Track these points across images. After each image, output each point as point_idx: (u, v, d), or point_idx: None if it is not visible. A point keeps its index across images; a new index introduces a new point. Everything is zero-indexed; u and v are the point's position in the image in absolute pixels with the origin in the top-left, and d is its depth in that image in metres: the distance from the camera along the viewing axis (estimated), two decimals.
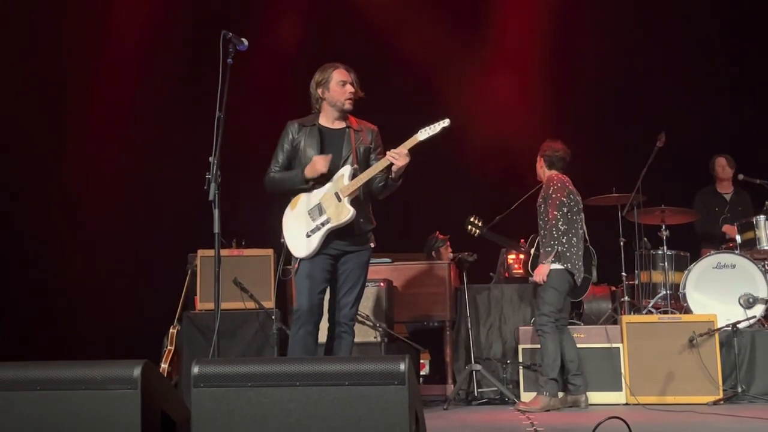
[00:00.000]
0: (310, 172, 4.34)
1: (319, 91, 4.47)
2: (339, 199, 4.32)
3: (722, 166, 7.08)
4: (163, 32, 7.74)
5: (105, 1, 7.67)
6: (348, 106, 4.45)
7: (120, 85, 7.58)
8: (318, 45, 7.83)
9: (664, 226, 6.41)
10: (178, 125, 7.48)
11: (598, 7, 8.22)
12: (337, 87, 4.44)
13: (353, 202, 4.33)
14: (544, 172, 5.68)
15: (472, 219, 6.14)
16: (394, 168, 4.30)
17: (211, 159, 3.76)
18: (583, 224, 5.64)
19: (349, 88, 4.43)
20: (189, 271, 5.92)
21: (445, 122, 4.29)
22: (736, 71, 7.93)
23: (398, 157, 4.25)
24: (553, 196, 5.43)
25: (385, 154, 4.32)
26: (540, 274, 5.41)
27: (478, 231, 6.12)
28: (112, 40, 7.54)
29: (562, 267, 5.39)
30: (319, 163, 4.31)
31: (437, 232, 6.32)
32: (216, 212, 3.70)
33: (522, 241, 6.15)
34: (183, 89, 7.50)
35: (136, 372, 2.67)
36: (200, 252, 5.81)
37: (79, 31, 7.34)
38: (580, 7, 8.37)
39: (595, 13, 8.24)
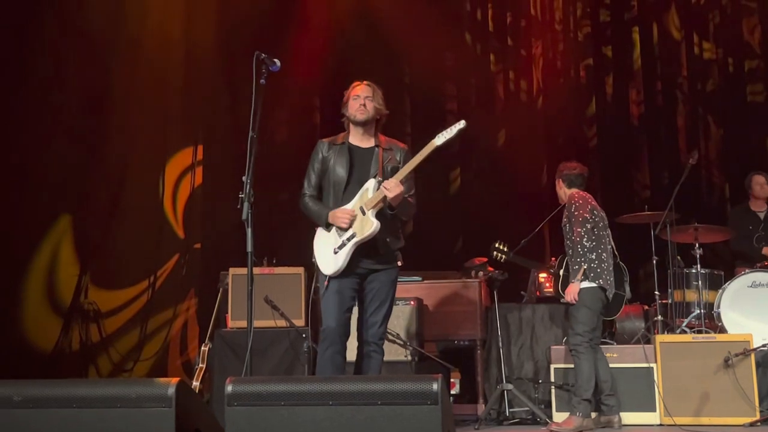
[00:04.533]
0: (332, 218, 4.39)
1: (344, 110, 4.54)
2: (363, 213, 4.35)
3: (761, 185, 6.97)
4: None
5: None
6: (359, 116, 4.48)
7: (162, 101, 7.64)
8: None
9: (697, 245, 6.33)
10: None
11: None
12: (351, 102, 4.51)
13: (379, 216, 4.34)
14: (564, 192, 5.68)
15: (497, 245, 6.12)
16: (388, 199, 4.30)
17: (244, 178, 3.80)
18: (611, 240, 5.60)
19: (360, 101, 4.47)
20: (221, 289, 5.95)
21: (461, 124, 4.32)
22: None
23: (390, 188, 4.26)
24: (576, 213, 5.41)
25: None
26: (571, 293, 5.37)
27: (504, 256, 6.10)
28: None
29: (593, 284, 5.35)
30: (339, 219, 4.34)
31: (475, 258, 6.34)
32: (249, 231, 3.73)
33: (553, 260, 6.12)
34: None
35: (171, 390, 2.70)
36: (232, 270, 5.84)
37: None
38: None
39: None
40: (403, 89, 8.56)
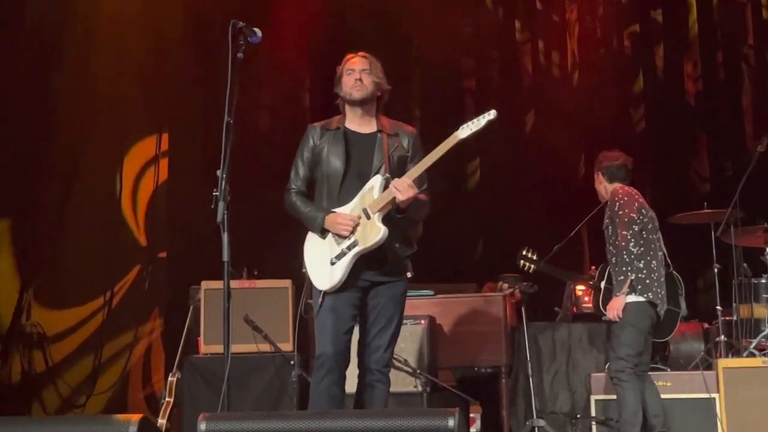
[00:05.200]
0: (329, 225, 4.35)
1: (337, 89, 4.54)
2: (368, 217, 4.33)
3: None
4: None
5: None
6: (356, 94, 4.44)
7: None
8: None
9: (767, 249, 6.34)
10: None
11: None
12: (345, 78, 4.49)
13: (386, 221, 4.33)
14: (605, 188, 5.69)
15: (524, 253, 6.10)
16: (398, 202, 4.27)
17: (218, 173, 3.80)
18: (662, 245, 5.61)
19: (356, 75, 4.45)
20: (191, 307, 5.97)
21: (491, 115, 4.28)
22: None
23: (402, 189, 4.23)
24: (620, 213, 5.41)
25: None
26: (614, 308, 5.38)
27: (533, 266, 6.09)
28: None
29: (641, 299, 5.36)
30: (339, 226, 4.33)
31: (521, 277, 6.36)
32: (225, 236, 3.73)
33: (593, 269, 6.13)
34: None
35: (132, 429, 2.72)
36: (204, 284, 5.86)
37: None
38: None
39: None
40: (411, 64, 8.59)
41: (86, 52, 7.48)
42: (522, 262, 6.13)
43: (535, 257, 6.10)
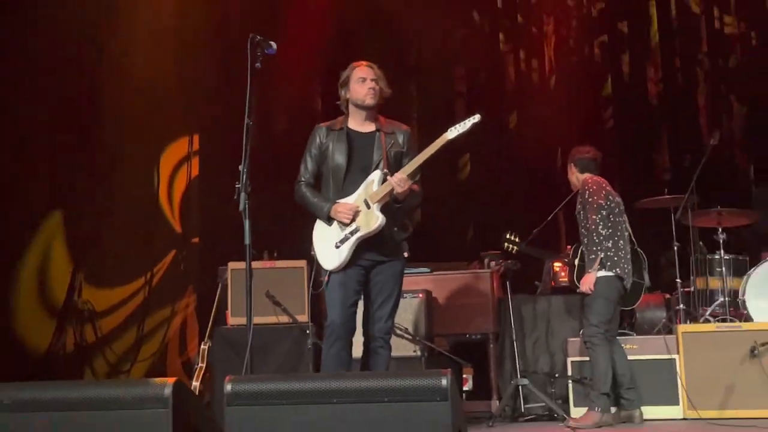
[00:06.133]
0: (334, 213, 4.38)
1: (343, 91, 4.52)
2: (368, 206, 4.33)
3: None
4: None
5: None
6: (369, 101, 4.45)
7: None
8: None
9: (720, 229, 6.31)
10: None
11: None
12: (356, 85, 4.46)
13: (384, 210, 4.34)
14: (577, 178, 5.70)
15: (508, 236, 6.12)
16: (395, 194, 4.30)
17: (240, 167, 3.80)
18: (628, 226, 5.60)
19: (369, 84, 4.44)
20: (220, 285, 5.97)
21: (476, 118, 4.32)
22: None
23: (399, 183, 4.26)
24: (590, 200, 5.42)
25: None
26: (587, 283, 5.38)
27: (515, 247, 6.10)
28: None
29: (610, 274, 5.35)
30: (341, 214, 4.34)
31: (498, 253, 6.36)
32: (247, 223, 3.73)
33: (568, 248, 6.12)
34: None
35: (167, 391, 2.72)
36: (231, 265, 5.85)
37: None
38: None
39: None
40: (409, 72, 8.55)
41: (126, 58, 7.45)
42: (506, 244, 6.13)
43: (517, 240, 6.10)
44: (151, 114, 7.57)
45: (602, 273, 5.35)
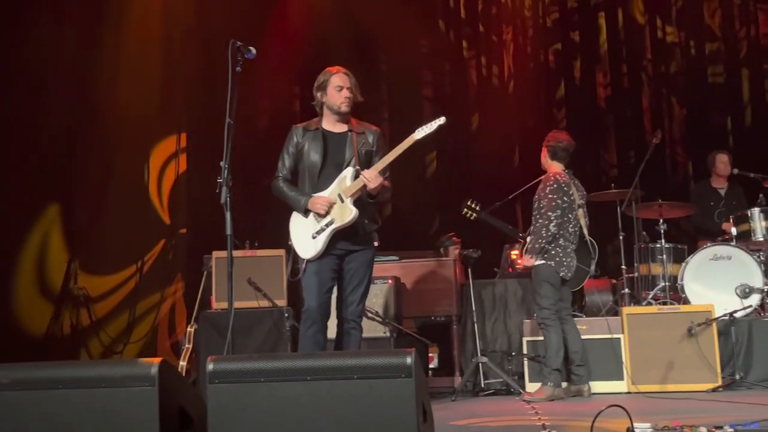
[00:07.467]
0: (311, 206, 4.37)
1: (319, 94, 4.49)
2: (342, 200, 4.34)
3: (724, 163, 6.99)
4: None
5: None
6: (344, 108, 4.45)
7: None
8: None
9: (661, 220, 6.38)
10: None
11: None
12: (333, 91, 4.44)
13: (357, 203, 4.34)
14: (547, 162, 5.63)
15: (468, 203, 6.07)
16: (368, 189, 4.30)
17: (222, 164, 3.78)
18: (586, 218, 5.60)
19: (345, 93, 4.43)
20: (204, 272, 5.94)
21: (441, 120, 4.35)
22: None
23: (371, 179, 4.27)
24: (549, 197, 5.38)
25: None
26: (525, 262, 5.44)
27: (474, 215, 6.04)
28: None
29: (551, 263, 5.37)
30: (318, 206, 4.33)
31: (452, 235, 6.35)
32: (228, 215, 3.72)
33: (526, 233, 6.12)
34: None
35: (154, 370, 2.69)
36: (215, 253, 5.82)
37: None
38: None
39: None
40: (381, 76, 8.54)
41: (117, 59, 7.37)
42: (465, 210, 6.07)
43: (477, 207, 6.06)
44: (141, 114, 7.51)
45: (542, 261, 5.37)
